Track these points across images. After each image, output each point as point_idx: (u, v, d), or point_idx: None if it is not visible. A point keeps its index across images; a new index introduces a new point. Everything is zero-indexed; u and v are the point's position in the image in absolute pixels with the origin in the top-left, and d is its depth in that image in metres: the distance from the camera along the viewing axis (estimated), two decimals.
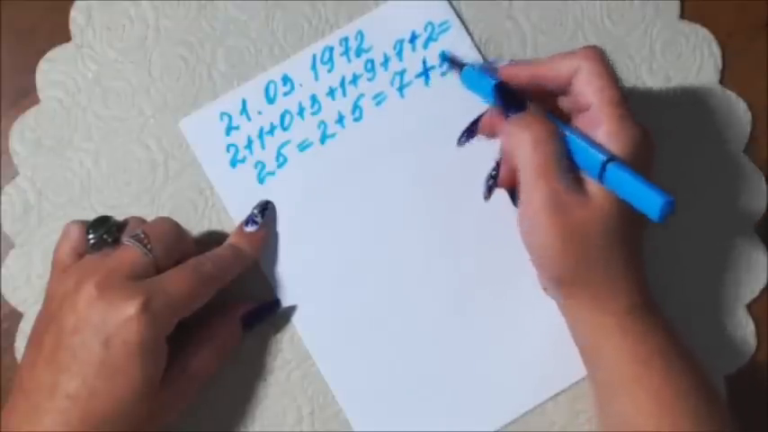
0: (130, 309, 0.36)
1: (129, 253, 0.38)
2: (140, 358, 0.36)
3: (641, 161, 0.36)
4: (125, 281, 0.37)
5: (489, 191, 0.42)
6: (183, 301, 0.37)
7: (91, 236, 0.39)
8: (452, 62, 0.43)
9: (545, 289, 0.41)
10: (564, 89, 0.38)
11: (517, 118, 0.38)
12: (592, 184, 0.36)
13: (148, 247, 0.38)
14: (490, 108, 0.41)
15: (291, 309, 0.44)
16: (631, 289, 0.37)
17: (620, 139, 0.36)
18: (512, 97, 0.38)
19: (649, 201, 0.34)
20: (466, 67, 0.42)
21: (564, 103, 0.40)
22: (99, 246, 0.39)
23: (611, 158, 0.35)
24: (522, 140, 0.37)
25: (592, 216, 0.36)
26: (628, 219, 0.36)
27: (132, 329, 0.36)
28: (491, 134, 0.42)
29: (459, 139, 0.43)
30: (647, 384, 0.36)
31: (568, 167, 0.36)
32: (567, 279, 0.38)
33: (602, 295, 0.37)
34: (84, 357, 0.36)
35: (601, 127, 0.36)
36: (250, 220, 0.43)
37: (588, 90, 0.37)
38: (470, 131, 0.43)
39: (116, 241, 0.39)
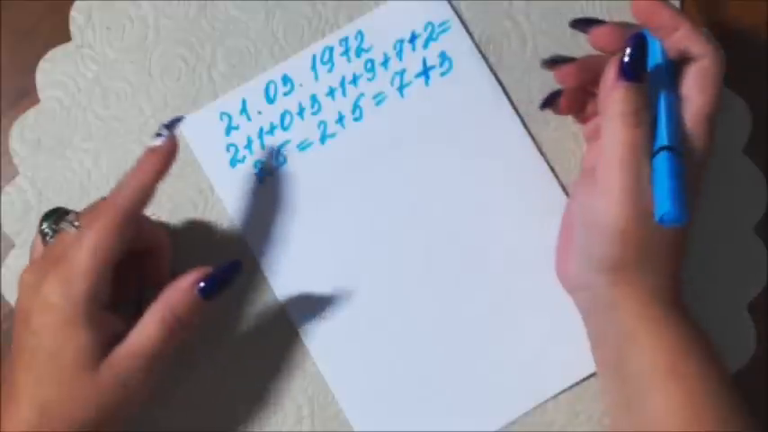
0: (48, 287, 0.35)
1: (62, 235, 0.37)
2: (65, 335, 0.35)
3: (703, 168, 0.37)
4: (48, 263, 0.36)
5: (547, 103, 0.42)
6: (91, 261, 0.35)
7: (43, 227, 0.39)
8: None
9: (570, 281, 0.41)
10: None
11: (634, 86, 0.36)
12: None
13: (76, 224, 0.37)
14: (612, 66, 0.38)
15: (292, 309, 0.43)
16: (675, 280, 0.38)
17: (702, 142, 0.37)
18: (643, 59, 0.37)
19: (663, 201, 0.34)
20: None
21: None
22: (51, 235, 0.38)
23: (668, 147, 0.35)
24: (629, 112, 0.36)
25: None
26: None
27: (51, 310, 0.35)
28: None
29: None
30: (680, 379, 0.36)
31: (650, 149, 0.36)
32: (621, 264, 0.37)
33: (653, 285, 0.37)
34: (24, 349, 0.36)
35: (692, 121, 0.37)
36: (157, 135, 0.38)
37: (702, 83, 0.37)
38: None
39: (56, 229, 0.38)
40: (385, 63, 0.44)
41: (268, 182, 0.44)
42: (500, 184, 0.44)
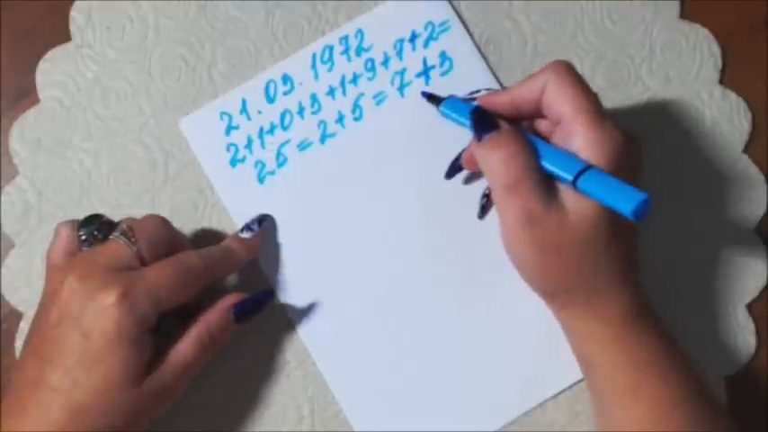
0: (108, 298, 0.36)
1: (114, 246, 0.38)
2: (119, 348, 0.36)
3: (624, 165, 0.36)
4: (106, 272, 0.37)
5: (483, 210, 0.43)
6: (163, 292, 0.37)
7: (81, 233, 0.39)
8: (431, 98, 0.42)
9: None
10: (539, 109, 0.38)
11: (488, 138, 0.37)
12: (569, 194, 0.36)
13: (133, 240, 0.38)
14: (472, 139, 0.39)
15: (291, 309, 0.43)
16: (623, 296, 0.37)
17: (598, 144, 0.35)
18: (485, 120, 0.38)
19: (624, 200, 0.33)
20: (446, 100, 0.41)
21: (542, 126, 0.40)
22: (89, 242, 0.39)
23: (583, 167, 0.35)
24: (492, 160, 0.37)
25: (570, 226, 0.36)
26: (613, 225, 0.36)
27: (110, 319, 0.36)
28: (474, 166, 0.42)
29: (447, 173, 0.43)
30: (642, 394, 0.36)
31: (540, 180, 0.36)
32: (555, 290, 0.38)
33: (593, 304, 0.37)
34: (65, 349, 0.36)
35: (576, 136, 0.36)
36: (246, 227, 0.43)
37: (557, 100, 0.37)
38: (455, 165, 0.43)
39: (106, 237, 0.39)
40: (385, 62, 0.44)
41: (268, 182, 0.44)
42: None
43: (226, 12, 0.45)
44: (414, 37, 0.45)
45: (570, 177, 0.35)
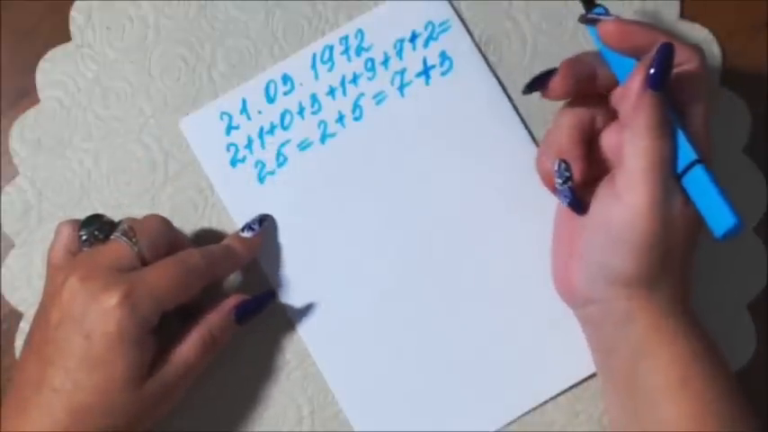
0: (110, 299, 0.36)
1: (115, 246, 0.38)
2: (121, 349, 0.36)
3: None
4: (107, 273, 0.37)
5: (580, 204, 0.39)
6: (165, 292, 0.37)
7: (82, 233, 0.40)
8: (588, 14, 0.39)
9: (572, 294, 0.40)
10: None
11: (662, 98, 0.35)
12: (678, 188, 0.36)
13: (134, 240, 0.38)
14: (636, 76, 0.36)
15: (291, 309, 0.43)
16: (687, 294, 0.38)
17: (707, 145, 0.36)
18: (669, 69, 0.35)
19: (720, 216, 0.34)
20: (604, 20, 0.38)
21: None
22: (90, 242, 0.39)
23: (700, 160, 0.35)
24: (657, 124, 0.35)
25: (683, 219, 0.35)
26: (702, 225, 0.36)
27: (112, 320, 0.36)
28: (562, 95, 0.39)
29: (527, 87, 0.39)
30: (691, 390, 0.36)
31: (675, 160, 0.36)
32: (646, 277, 0.37)
33: (668, 296, 0.37)
34: (67, 350, 0.36)
35: (694, 126, 0.36)
36: (247, 227, 0.43)
37: (693, 90, 0.36)
38: (541, 82, 0.39)
39: (107, 237, 0.39)
40: (385, 62, 0.44)
41: (268, 182, 0.44)
42: (500, 184, 0.44)
43: (226, 12, 0.45)
44: (414, 37, 0.45)
45: (682, 166, 0.35)
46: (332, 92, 0.44)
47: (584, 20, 0.39)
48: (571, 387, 0.43)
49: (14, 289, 0.44)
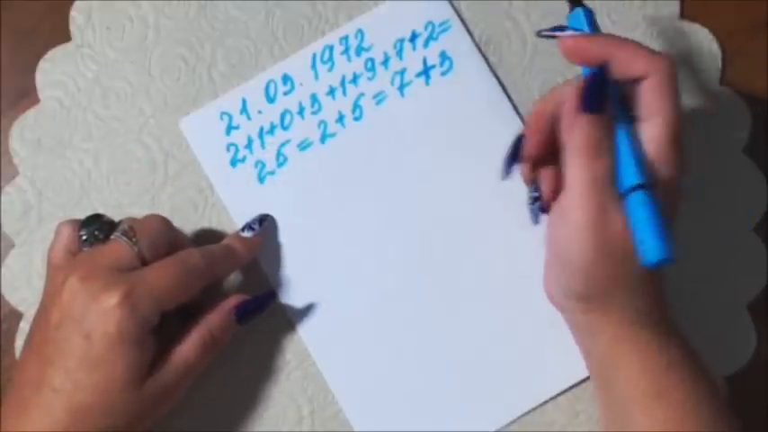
0: (110, 300, 0.36)
1: (115, 246, 0.38)
2: (121, 349, 0.36)
3: (680, 187, 0.36)
4: (108, 273, 0.37)
5: (537, 215, 0.41)
6: (165, 293, 0.37)
7: (82, 233, 0.39)
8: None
9: (553, 300, 0.41)
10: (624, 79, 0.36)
11: (594, 119, 0.35)
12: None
13: (134, 240, 0.38)
14: (570, 103, 0.36)
15: (291, 309, 0.43)
16: (655, 301, 0.37)
17: (670, 167, 0.35)
18: (601, 93, 0.35)
19: (652, 245, 0.33)
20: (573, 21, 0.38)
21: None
22: (90, 242, 0.39)
23: (641, 185, 0.34)
24: (589, 146, 0.35)
25: (626, 235, 0.35)
26: None
27: (112, 320, 0.36)
28: (537, 156, 0.39)
29: (505, 169, 0.40)
30: (665, 396, 0.36)
31: (613, 179, 0.35)
32: (594, 294, 0.37)
33: (630, 309, 0.37)
34: (67, 350, 0.36)
35: (653, 145, 0.35)
36: (247, 226, 0.43)
37: (654, 101, 0.35)
38: (514, 155, 0.40)
39: (107, 237, 0.39)
40: (385, 62, 0.44)
41: (268, 182, 0.44)
42: (500, 184, 0.44)
43: (226, 12, 0.45)
44: (414, 37, 0.45)
45: (624, 186, 0.35)
46: (332, 92, 0.44)
47: (543, 35, 0.39)
48: (571, 387, 0.43)
49: (14, 289, 0.44)
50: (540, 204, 0.40)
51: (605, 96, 0.35)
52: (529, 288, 0.43)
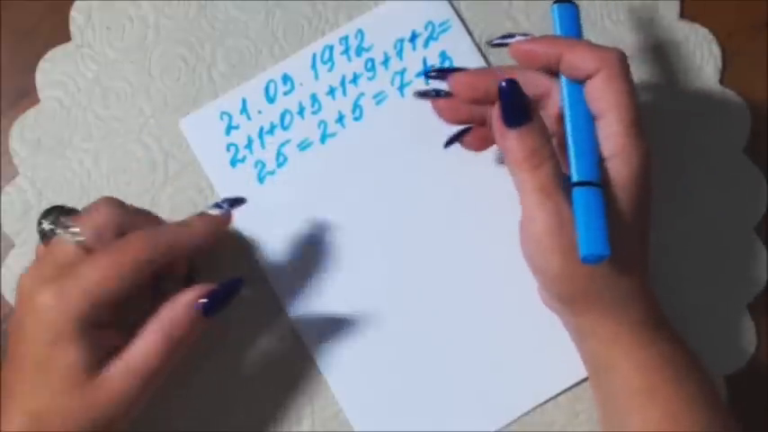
0: (41, 300, 0.34)
1: (56, 242, 0.37)
2: (59, 350, 0.34)
3: (644, 180, 0.35)
4: (51, 270, 0.35)
5: (450, 142, 0.41)
6: (97, 285, 0.35)
7: (39, 228, 0.38)
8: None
9: (546, 304, 0.41)
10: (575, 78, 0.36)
11: (523, 131, 0.35)
12: None
13: (74, 231, 0.36)
14: (495, 120, 0.36)
15: (291, 309, 0.43)
16: (644, 300, 0.37)
17: (630, 160, 0.35)
18: (521, 104, 0.35)
19: (591, 239, 0.33)
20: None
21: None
22: (49, 237, 0.38)
23: (592, 180, 0.34)
24: (525, 157, 0.35)
25: None
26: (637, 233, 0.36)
27: (45, 321, 0.34)
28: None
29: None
30: (658, 394, 0.36)
31: (562, 180, 0.35)
32: (576, 297, 0.37)
33: (614, 309, 0.37)
34: (17, 354, 0.35)
35: (610, 142, 0.35)
36: (215, 204, 0.40)
37: (602, 99, 0.35)
38: (456, 138, 0.41)
39: (54, 232, 0.37)
40: (385, 62, 0.44)
41: (268, 182, 0.44)
42: (500, 184, 0.44)
43: (226, 12, 0.45)
44: (414, 37, 0.45)
45: (573, 179, 0.35)
46: (332, 92, 0.44)
47: (494, 44, 0.39)
48: (571, 387, 0.43)
49: (14, 289, 0.44)
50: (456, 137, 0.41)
51: (525, 106, 0.35)
52: (528, 288, 0.43)
